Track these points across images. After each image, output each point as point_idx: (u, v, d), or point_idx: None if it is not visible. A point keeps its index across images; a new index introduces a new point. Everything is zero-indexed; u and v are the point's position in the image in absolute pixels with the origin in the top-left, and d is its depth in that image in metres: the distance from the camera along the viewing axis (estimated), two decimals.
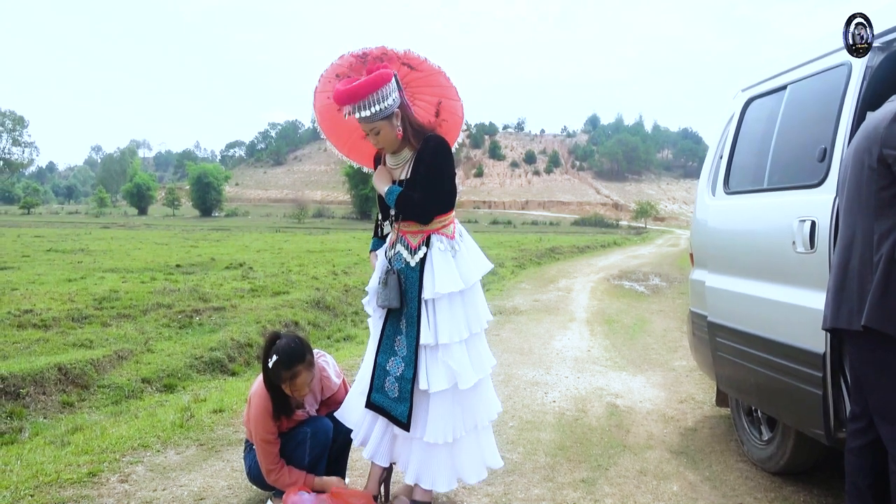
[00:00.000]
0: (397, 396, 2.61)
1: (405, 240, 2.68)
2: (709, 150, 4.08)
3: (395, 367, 2.64)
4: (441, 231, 2.67)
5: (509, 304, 9.84)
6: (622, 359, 6.10)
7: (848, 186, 2.15)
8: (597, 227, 64.22)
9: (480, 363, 2.70)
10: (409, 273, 2.63)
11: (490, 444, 2.83)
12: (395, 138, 2.63)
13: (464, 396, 2.65)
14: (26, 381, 4.79)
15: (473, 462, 2.73)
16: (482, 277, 2.80)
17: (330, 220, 65.73)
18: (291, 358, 2.61)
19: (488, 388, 2.81)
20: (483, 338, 2.79)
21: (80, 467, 3.17)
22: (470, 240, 2.79)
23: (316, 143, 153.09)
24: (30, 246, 18.82)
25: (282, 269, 13.14)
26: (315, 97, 2.81)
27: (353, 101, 2.53)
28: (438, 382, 2.57)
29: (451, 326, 2.59)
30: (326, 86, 2.76)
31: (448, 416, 2.61)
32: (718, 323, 3.37)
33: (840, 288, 2.12)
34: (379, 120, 2.56)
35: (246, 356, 6.43)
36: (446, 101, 2.84)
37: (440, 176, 2.61)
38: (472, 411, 2.69)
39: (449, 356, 2.58)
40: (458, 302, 2.64)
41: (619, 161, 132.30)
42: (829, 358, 2.48)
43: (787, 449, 3.08)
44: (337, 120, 2.80)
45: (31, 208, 72.82)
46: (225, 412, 4.16)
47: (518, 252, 20.21)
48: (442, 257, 2.62)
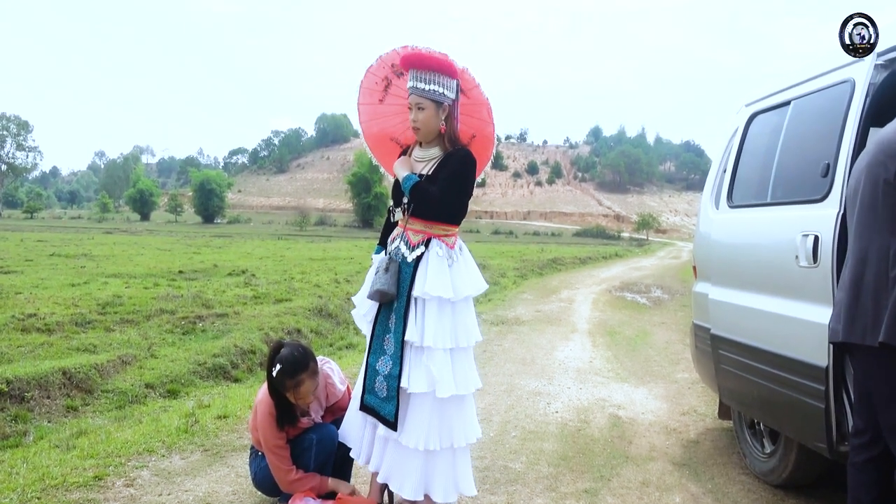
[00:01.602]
0: (385, 395, 2.64)
1: (406, 236, 2.70)
2: (712, 164, 4.12)
3: (384, 365, 2.66)
4: (442, 238, 2.68)
5: (511, 314, 9.86)
6: (624, 370, 6.11)
7: (861, 201, 2.15)
8: (599, 239, 64.29)
9: (464, 380, 2.66)
10: (405, 269, 2.66)
11: (466, 469, 2.75)
12: (435, 128, 2.64)
13: (443, 409, 2.62)
14: (31, 385, 4.80)
15: (444, 480, 2.66)
16: (476, 297, 2.80)
17: (332, 228, 65.88)
18: (295, 367, 2.64)
19: (470, 410, 2.75)
20: (470, 357, 2.74)
21: (85, 471, 3.19)
22: (469, 258, 2.78)
23: (319, 152, 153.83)
24: (33, 250, 18.88)
25: (284, 276, 13.17)
26: (365, 77, 2.83)
27: (419, 68, 2.59)
28: (418, 384, 2.57)
29: (436, 331, 2.59)
30: (380, 70, 2.80)
31: (425, 423, 2.60)
32: (721, 335, 3.39)
33: (853, 303, 2.11)
34: (429, 99, 2.58)
35: (249, 363, 6.45)
36: (480, 136, 2.84)
37: (460, 184, 2.62)
38: (450, 427, 2.64)
39: (431, 360, 2.58)
40: (448, 311, 2.63)
41: (622, 173, 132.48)
42: (832, 371, 2.50)
43: (790, 462, 3.09)
44: (378, 112, 2.86)
45: (34, 213, 73.02)
46: (229, 418, 4.18)
47: (520, 262, 20.23)
48: (437, 261, 2.63)
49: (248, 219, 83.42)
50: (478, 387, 2.74)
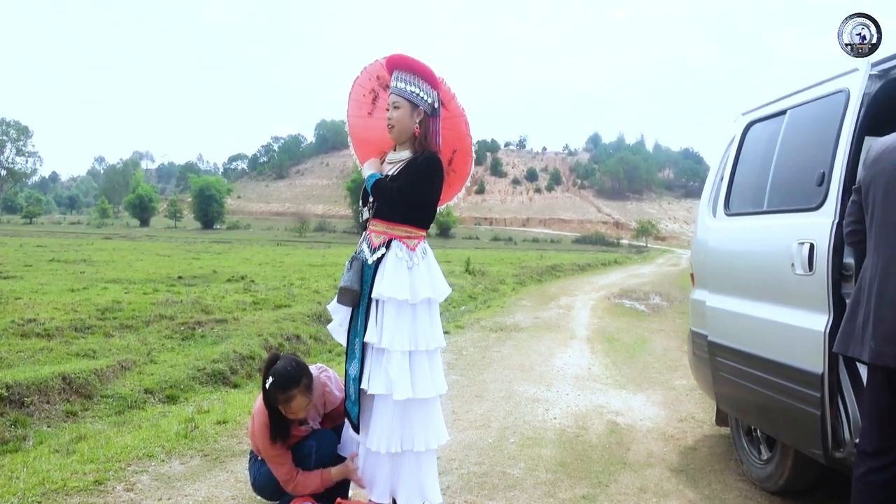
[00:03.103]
0: (353, 399, 2.67)
1: (369, 238, 2.73)
2: (710, 172, 4.15)
3: (353, 369, 2.69)
4: (403, 240, 2.68)
5: (510, 320, 9.87)
6: (622, 377, 6.13)
7: (884, 209, 2.12)
8: (597, 246, 64.31)
9: (423, 384, 2.62)
10: (366, 270, 2.68)
11: (432, 476, 2.73)
12: (408, 129, 2.66)
13: (405, 412, 2.62)
14: (30, 390, 4.81)
15: (409, 486, 2.66)
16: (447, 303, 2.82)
17: (331, 235, 65.87)
18: (287, 382, 2.63)
19: (434, 414, 2.72)
20: (435, 361, 2.72)
21: (85, 475, 3.21)
22: (433, 262, 2.77)
23: (318, 158, 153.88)
24: (32, 255, 18.89)
25: (283, 282, 13.18)
26: (353, 88, 2.90)
27: (401, 69, 2.65)
28: (377, 385, 2.59)
29: (393, 333, 2.58)
30: (367, 82, 2.87)
31: (386, 426, 2.61)
32: (718, 342, 3.41)
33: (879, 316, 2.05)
34: (405, 99, 2.62)
35: (248, 368, 6.45)
36: (460, 152, 2.87)
37: (421, 185, 2.62)
38: (411, 431, 2.63)
39: (389, 363, 2.58)
40: (407, 314, 2.62)
41: (621, 180, 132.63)
42: (828, 378, 2.53)
43: (786, 468, 3.11)
44: (367, 125, 2.92)
45: (33, 218, 73.06)
46: (229, 423, 4.19)
47: (519, 269, 20.25)
48: (396, 263, 2.63)
49: (248, 225, 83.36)
50: (441, 392, 2.72)
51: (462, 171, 2.91)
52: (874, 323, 2.07)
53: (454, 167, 2.91)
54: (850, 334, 2.17)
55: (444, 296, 2.74)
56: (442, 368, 2.78)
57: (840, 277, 2.57)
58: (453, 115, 2.78)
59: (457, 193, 3.00)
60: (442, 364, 2.80)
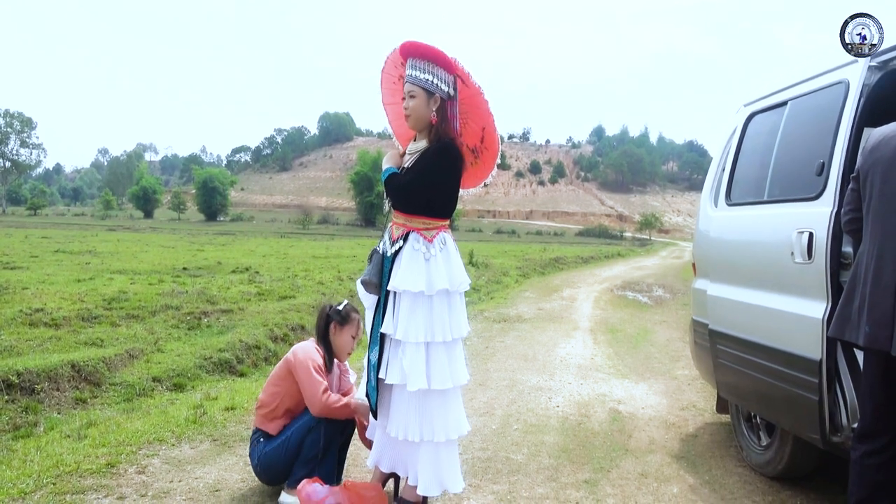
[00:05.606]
0: (373, 385, 2.73)
1: (390, 230, 2.77)
2: (712, 163, 4.19)
3: (374, 356, 2.74)
4: (421, 232, 2.69)
5: (513, 311, 9.93)
6: (625, 367, 6.19)
7: (882, 196, 2.15)
8: (601, 238, 64.27)
9: (440, 375, 2.62)
10: (386, 262, 2.72)
11: (452, 464, 2.73)
12: (425, 117, 2.66)
13: (423, 403, 2.63)
14: (41, 378, 4.89)
15: (427, 473, 2.66)
16: (468, 292, 2.85)
17: (335, 227, 65.97)
18: (355, 309, 3.07)
19: (453, 405, 2.72)
20: (454, 352, 2.71)
21: (98, 458, 3.28)
22: (454, 253, 2.76)
23: (322, 150, 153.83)
24: (38, 246, 18.99)
25: (287, 273, 13.24)
26: (382, 77, 2.97)
27: (415, 56, 2.65)
28: (393, 375, 2.64)
29: (408, 325, 2.60)
30: (393, 69, 2.91)
31: (404, 414, 2.65)
32: (719, 331, 3.46)
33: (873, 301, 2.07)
34: (420, 87, 2.63)
35: (254, 358, 6.52)
36: (489, 128, 2.84)
37: (433, 175, 2.62)
38: (430, 421, 2.64)
39: (404, 354, 2.61)
40: (423, 305, 2.62)
41: (624, 172, 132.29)
42: (825, 364, 2.58)
43: (785, 454, 3.17)
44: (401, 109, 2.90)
45: (37, 209, 73.20)
46: (237, 409, 4.27)
47: (522, 261, 20.29)
48: (412, 255, 2.64)
49: (251, 217, 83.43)
50: (460, 383, 2.72)
51: (492, 148, 2.88)
52: (869, 307, 2.11)
53: (486, 144, 2.87)
54: (846, 319, 2.21)
55: (462, 287, 2.73)
56: (463, 359, 2.77)
57: (839, 266, 2.61)
58: (473, 93, 2.74)
59: (490, 172, 2.97)
60: (464, 354, 2.80)
